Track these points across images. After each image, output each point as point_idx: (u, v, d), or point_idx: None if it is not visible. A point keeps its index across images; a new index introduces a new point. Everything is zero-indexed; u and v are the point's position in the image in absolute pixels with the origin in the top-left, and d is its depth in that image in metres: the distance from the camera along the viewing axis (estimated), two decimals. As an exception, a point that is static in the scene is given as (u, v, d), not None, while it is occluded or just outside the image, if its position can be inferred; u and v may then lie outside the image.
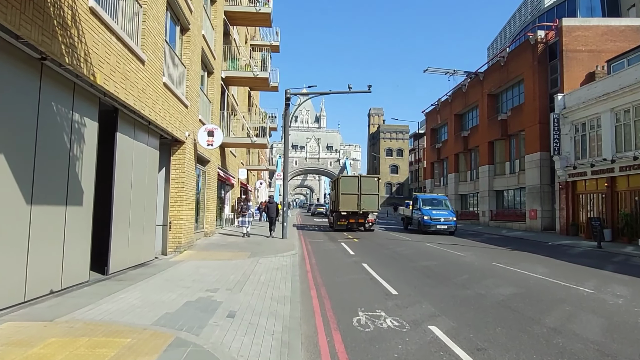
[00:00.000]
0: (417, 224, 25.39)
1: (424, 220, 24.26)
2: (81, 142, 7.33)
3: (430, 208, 25.06)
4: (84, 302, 6.18)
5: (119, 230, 8.84)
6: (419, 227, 25.07)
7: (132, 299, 6.47)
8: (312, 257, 13.47)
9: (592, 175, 22.95)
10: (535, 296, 8.18)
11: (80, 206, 7.38)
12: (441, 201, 26.41)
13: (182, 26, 12.78)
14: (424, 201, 25.96)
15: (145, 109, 9.26)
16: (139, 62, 8.82)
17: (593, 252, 17.22)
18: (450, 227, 24.12)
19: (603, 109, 22.28)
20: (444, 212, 24.84)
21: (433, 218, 24.11)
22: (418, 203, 25.87)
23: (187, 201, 12.94)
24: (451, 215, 24.61)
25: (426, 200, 26.36)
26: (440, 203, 26.07)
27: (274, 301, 6.85)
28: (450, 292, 8.39)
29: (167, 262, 10.59)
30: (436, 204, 25.90)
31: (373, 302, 7.37)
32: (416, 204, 26.10)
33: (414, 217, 26.37)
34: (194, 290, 7.27)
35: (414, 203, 26.64)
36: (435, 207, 25.37)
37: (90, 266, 8.63)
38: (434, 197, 27.40)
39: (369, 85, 18.85)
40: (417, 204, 25.91)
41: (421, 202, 25.69)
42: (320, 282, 9.18)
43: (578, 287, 9.16)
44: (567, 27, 26.54)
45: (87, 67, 6.65)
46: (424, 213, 24.54)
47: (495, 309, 7.07)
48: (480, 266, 12.17)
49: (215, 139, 13.63)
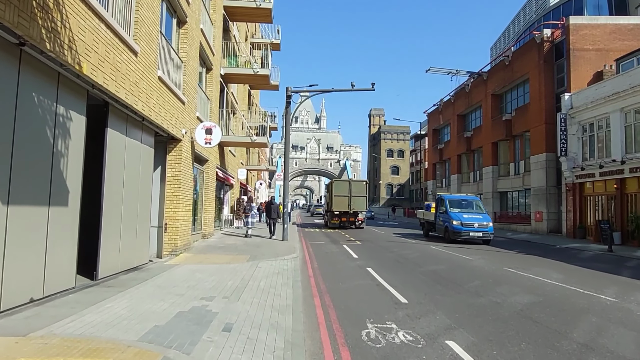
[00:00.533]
0: (444, 231, 20.61)
1: (454, 227, 19.48)
2: (66, 138, 6.76)
3: (459, 211, 20.29)
4: (65, 312, 5.61)
5: (109, 233, 8.28)
6: (445, 234, 20.36)
7: (119, 309, 5.90)
8: (313, 260, 12.90)
9: (600, 176, 22.38)
10: (555, 305, 7.61)
11: (65, 207, 6.81)
12: (472, 202, 21.63)
13: (179, 19, 12.23)
14: (451, 202, 21.03)
15: (138, 104, 8.70)
16: (131, 53, 8.26)
17: (604, 256, 16.64)
18: (485, 234, 19.49)
19: (612, 108, 21.71)
20: (478, 215, 20.22)
21: (465, 223, 19.36)
22: (444, 205, 20.96)
23: (183, 202, 12.38)
24: (486, 220, 19.95)
25: (454, 201, 21.42)
26: (470, 204, 21.32)
27: (275, 311, 6.28)
28: (464, 300, 7.82)
29: (162, 266, 10.03)
30: (466, 205, 21.14)
31: (382, 312, 6.80)
32: (441, 206, 21.35)
33: (438, 222, 21.74)
34: (187, 299, 6.70)
35: (438, 205, 21.92)
36: (466, 209, 20.69)
37: (79, 271, 8.08)
38: (463, 198, 22.44)
39: (372, 83, 18.31)
40: (443, 206, 21.04)
41: (448, 204, 20.80)
42: (323, 288, 8.60)
43: (599, 296, 8.59)
44: (574, 25, 25.98)
45: (71, 55, 6.09)
46: (453, 217, 19.74)
47: (515, 320, 6.50)
48: (491, 271, 11.60)
49: (214, 137, 13.09)
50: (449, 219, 19.97)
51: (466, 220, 19.53)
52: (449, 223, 19.82)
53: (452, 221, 19.63)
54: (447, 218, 20.24)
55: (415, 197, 72.86)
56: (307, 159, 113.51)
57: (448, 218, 20.07)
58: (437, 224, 21.92)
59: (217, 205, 20.14)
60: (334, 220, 27.90)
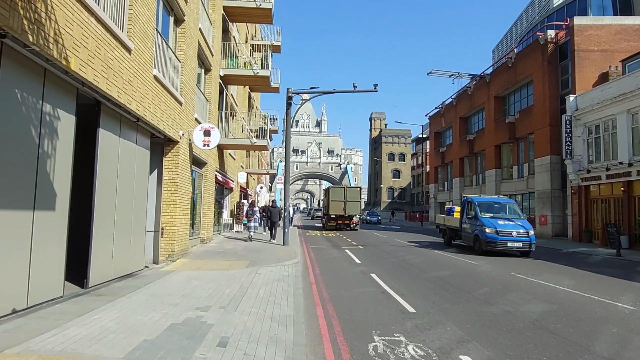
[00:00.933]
0: (472, 240, 17.27)
1: (487, 235, 16.16)
2: (54, 138, 6.38)
3: (492, 216, 17.04)
4: (48, 324, 5.21)
5: (101, 238, 7.88)
6: (475, 244, 17.00)
7: (108, 321, 5.49)
8: (315, 266, 12.48)
9: (607, 179, 21.96)
10: (572, 314, 7.19)
11: (52, 211, 6.41)
12: (505, 205, 18.20)
13: (176, 17, 11.88)
14: (481, 206, 17.65)
15: (132, 103, 8.33)
16: (124, 49, 7.89)
17: (614, 260, 16.20)
18: (525, 245, 16.07)
19: (619, 110, 21.32)
20: (515, 221, 16.84)
21: (501, 232, 16.04)
22: (473, 209, 17.61)
23: (181, 205, 11.98)
24: (526, 227, 16.58)
25: (484, 204, 17.97)
26: (504, 208, 17.98)
27: (275, 322, 5.86)
28: (474, 309, 7.40)
29: (157, 273, 9.62)
30: (499, 209, 17.84)
31: (389, 322, 6.38)
32: (469, 211, 18.06)
33: (464, 229, 18.35)
34: (181, 309, 6.29)
35: (465, 209, 18.56)
36: (499, 213, 17.48)
37: (69, 278, 7.70)
38: (495, 200, 18.75)
39: (374, 84, 17.91)
40: (472, 210, 17.74)
41: (478, 208, 17.46)
42: (326, 296, 8.19)
43: (615, 303, 8.17)
44: (578, 26, 25.63)
45: (58, 49, 5.72)
46: (486, 224, 16.47)
47: (532, 332, 6.07)
48: (499, 277, 11.17)
49: (212, 139, 12.71)
50: (480, 226, 16.67)
51: (502, 227, 16.21)
52: (481, 231, 16.53)
53: (484, 229, 16.37)
54: (477, 225, 16.95)
55: (417, 201, 72.38)
56: (308, 163, 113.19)
57: (479, 225, 16.77)
58: (463, 232, 18.57)
59: (217, 209, 19.74)
60: (331, 223, 30.54)
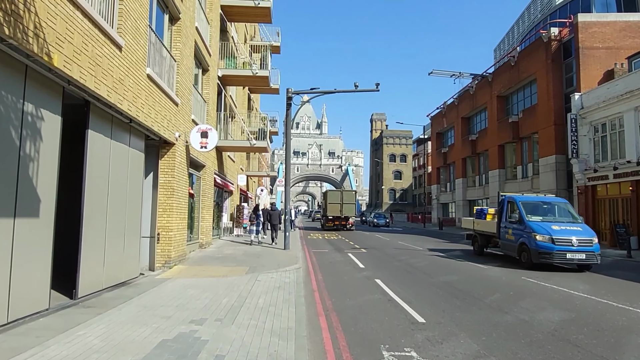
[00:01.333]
0: (518, 250, 13.57)
1: (539, 244, 12.57)
2: (37, 140, 5.97)
3: (542, 220, 13.47)
4: (28, 342, 4.78)
5: (91, 246, 7.46)
6: (522, 254, 13.36)
7: (93, 337, 5.05)
8: (317, 271, 12.04)
9: (614, 178, 21.48)
10: (592, 323, 6.74)
11: (35, 218, 5.99)
12: (555, 206, 14.59)
13: (171, 14, 11.48)
14: (526, 206, 14.02)
15: (124, 103, 7.91)
16: (114, 46, 7.48)
17: (625, 262, 15.74)
18: (589, 256, 12.45)
19: (626, 108, 20.86)
20: (573, 226, 13.27)
21: (557, 240, 12.44)
22: (517, 211, 14.00)
23: (177, 210, 11.56)
24: (588, 234, 12.97)
25: (529, 204, 14.26)
26: (553, 210, 14.34)
27: (275, 336, 5.42)
28: (487, 318, 6.95)
29: (152, 281, 9.19)
30: (548, 210, 14.26)
31: (398, 334, 5.93)
32: (512, 213, 14.32)
33: (505, 235, 14.61)
34: (174, 322, 5.85)
35: (505, 210, 14.78)
36: (548, 216, 13.85)
37: (58, 289, 7.32)
38: (543, 200, 15.01)
39: (376, 84, 17.46)
40: (515, 212, 14.11)
41: (523, 208, 13.88)
42: (329, 305, 7.74)
43: (636, 310, 7.72)
44: (583, 23, 25.19)
45: (38, 44, 5.30)
46: (536, 229, 12.87)
47: (553, 344, 5.62)
48: (510, 282, 10.72)
49: (210, 141, 12.27)
50: (528, 233, 13.15)
51: (559, 234, 12.57)
52: (529, 239, 12.96)
53: (534, 236, 12.78)
54: (523, 230, 13.44)
55: (419, 202, 71.88)
56: (309, 165, 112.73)
57: (526, 231, 13.28)
58: (502, 239, 14.84)
59: (216, 212, 19.31)
60: (329, 224, 33.71)
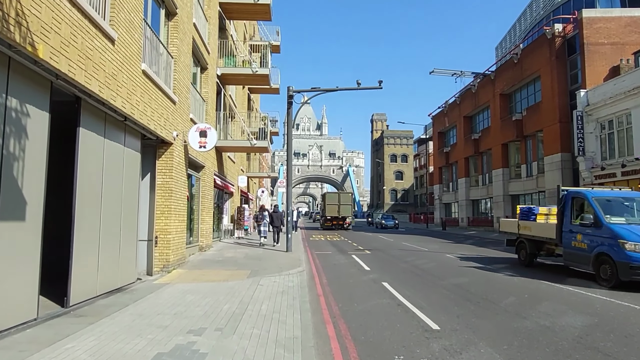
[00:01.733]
0: (595, 262, 10.29)
1: (631, 256, 9.37)
2: (22, 137, 5.55)
3: (627, 222, 10.49)
4: (10, 357, 4.36)
5: (84, 250, 7.05)
6: (602, 268, 10.10)
7: (82, 352, 4.63)
8: (322, 274, 11.61)
9: (622, 176, 21.05)
10: (618, 329, 6.30)
11: (21, 221, 5.58)
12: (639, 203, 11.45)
13: (167, 10, 11.08)
14: (604, 206, 10.90)
15: (117, 99, 7.50)
16: (106, 39, 7.08)
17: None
18: None
19: (633, 104, 20.45)
20: None
21: None
22: (591, 210, 10.82)
23: (176, 212, 11.14)
24: None
25: (608, 202, 11.18)
26: (637, 207, 11.27)
27: (280, 347, 5.00)
28: (506, 324, 6.52)
29: (150, 286, 8.77)
30: (630, 210, 11.14)
31: (412, 344, 5.51)
32: (586, 213, 10.97)
33: (573, 243, 11.25)
34: (171, 332, 5.43)
35: (571, 210, 11.59)
36: (634, 217, 10.83)
37: (50, 296, 6.92)
38: (624, 196, 11.67)
39: (379, 81, 17.09)
40: (590, 212, 10.85)
41: (600, 208, 10.73)
42: (336, 311, 7.31)
43: (661, 313, 7.29)
44: (587, 18, 24.79)
45: (21, 32, 4.90)
46: (623, 234, 9.76)
47: (580, 353, 5.19)
48: (522, 284, 10.29)
49: (209, 140, 11.87)
50: (609, 239, 10.02)
51: None
52: (613, 247, 9.82)
53: (621, 243, 9.65)
54: (603, 237, 10.24)
55: (421, 202, 71.42)
56: (310, 166, 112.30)
57: (606, 237, 10.13)
58: (568, 248, 11.50)
59: (216, 214, 18.90)
60: (327, 224, 36.76)
